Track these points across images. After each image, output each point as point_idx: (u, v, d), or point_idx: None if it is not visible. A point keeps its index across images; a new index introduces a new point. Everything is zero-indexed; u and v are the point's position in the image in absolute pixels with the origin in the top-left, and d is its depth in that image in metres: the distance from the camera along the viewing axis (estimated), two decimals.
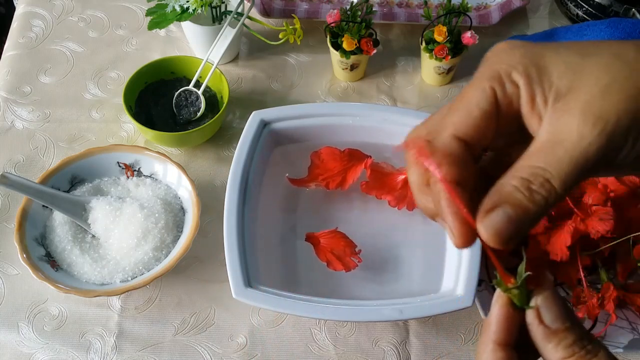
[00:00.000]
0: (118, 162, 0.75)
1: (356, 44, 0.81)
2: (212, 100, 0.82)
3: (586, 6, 0.92)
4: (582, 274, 0.66)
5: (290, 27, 0.83)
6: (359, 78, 0.89)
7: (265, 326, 0.69)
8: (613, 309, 0.64)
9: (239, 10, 0.83)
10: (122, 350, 0.67)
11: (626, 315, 0.68)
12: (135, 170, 0.75)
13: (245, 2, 0.85)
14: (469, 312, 0.69)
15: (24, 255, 0.66)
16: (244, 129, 0.69)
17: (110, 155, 0.75)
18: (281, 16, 0.92)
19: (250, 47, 0.92)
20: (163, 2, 0.79)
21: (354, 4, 0.82)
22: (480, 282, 0.63)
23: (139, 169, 0.75)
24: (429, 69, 0.86)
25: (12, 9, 1.10)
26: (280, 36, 0.84)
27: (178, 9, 0.77)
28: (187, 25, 0.84)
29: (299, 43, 0.85)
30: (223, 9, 0.84)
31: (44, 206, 0.71)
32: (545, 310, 0.32)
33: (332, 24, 0.82)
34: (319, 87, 0.88)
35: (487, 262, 0.68)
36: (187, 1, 0.77)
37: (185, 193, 0.73)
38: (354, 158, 0.70)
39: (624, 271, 0.69)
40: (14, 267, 0.71)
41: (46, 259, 0.68)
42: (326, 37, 0.84)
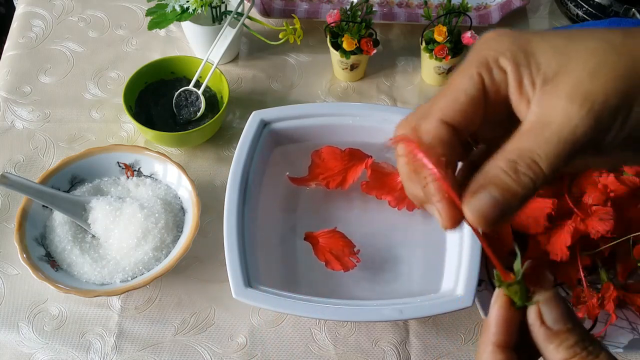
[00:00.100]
0: (118, 162, 0.75)
1: (356, 44, 0.81)
2: (212, 100, 0.82)
3: (586, 6, 0.92)
4: (582, 274, 0.66)
5: (290, 27, 0.83)
6: (359, 78, 0.89)
7: (265, 326, 0.69)
8: (613, 309, 0.64)
9: (239, 10, 0.83)
10: (122, 350, 0.67)
11: (626, 315, 0.68)
12: (135, 170, 0.75)
13: (245, 2, 0.85)
14: (469, 312, 0.69)
15: (24, 255, 0.66)
16: (244, 129, 0.69)
17: (110, 155, 0.75)
18: (281, 16, 0.92)
19: (250, 47, 0.92)
20: (163, 2, 0.79)
21: (354, 4, 0.82)
22: (480, 282, 0.63)
23: (139, 169, 0.75)
24: (429, 69, 0.86)
25: (12, 9, 1.10)
26: (280, 36, 0.84)
27: (178, 9, 0.77)
28: (187, 25, 0.84)
29: (299, 43, 0.85)
30: (223, 9, 0.84)
31: (44, 206, 0.71)
32: (547, 311, 0.32)
33: (332, 24, 0.82)
34: (319, 87, 0.88)
35: (487, 262, 0.68)
36: (187, 1, 0.77)
37: (185, 193, 0.73)
38: (354, 158, 0.70)
39: (624, 271, 0.69)
40: (14, 267, 0.71)
41: (46, 259, 0.68)
42: (326, 37, 0.84)
